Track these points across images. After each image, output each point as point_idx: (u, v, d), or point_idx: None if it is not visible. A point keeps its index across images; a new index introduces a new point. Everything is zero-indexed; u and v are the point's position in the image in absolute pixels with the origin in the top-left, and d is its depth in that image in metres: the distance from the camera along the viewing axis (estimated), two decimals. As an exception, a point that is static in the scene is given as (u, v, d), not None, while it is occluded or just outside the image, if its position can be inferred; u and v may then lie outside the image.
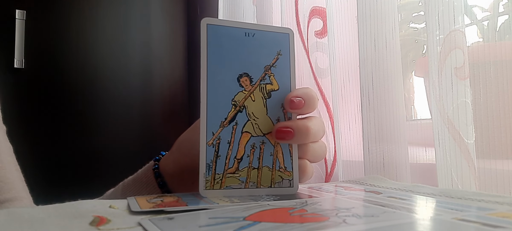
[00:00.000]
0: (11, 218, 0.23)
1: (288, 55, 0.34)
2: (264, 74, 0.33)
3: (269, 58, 0.33)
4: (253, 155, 0.32)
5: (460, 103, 0.40)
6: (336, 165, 0.58)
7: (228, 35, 0.32)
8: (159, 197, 0.31)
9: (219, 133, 0.31)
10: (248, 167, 0.32)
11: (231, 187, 0.31)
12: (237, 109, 0.32)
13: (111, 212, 0.26)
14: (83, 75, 1.09)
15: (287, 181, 0.33)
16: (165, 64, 1.23)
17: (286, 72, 0.33)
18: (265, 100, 0.33)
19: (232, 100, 0.32)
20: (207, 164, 0.31)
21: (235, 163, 0.32)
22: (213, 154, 0.31)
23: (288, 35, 0.34)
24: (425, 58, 0.53)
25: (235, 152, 0.31)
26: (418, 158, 0.48)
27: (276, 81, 0.33)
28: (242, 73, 0.32)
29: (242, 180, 0.32)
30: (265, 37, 0.33)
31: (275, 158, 0.33)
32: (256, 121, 0.32)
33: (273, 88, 0.33)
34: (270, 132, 0.32)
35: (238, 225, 0.21)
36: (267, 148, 0.32)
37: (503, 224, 0.20)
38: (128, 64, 1.15)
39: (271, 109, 0.33)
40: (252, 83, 0.32)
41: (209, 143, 0.31)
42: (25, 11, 1.02)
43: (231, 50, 0.32)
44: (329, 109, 0.60)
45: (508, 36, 0.48)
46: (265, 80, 0.33)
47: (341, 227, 0.20)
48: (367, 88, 0.48)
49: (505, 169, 0.38)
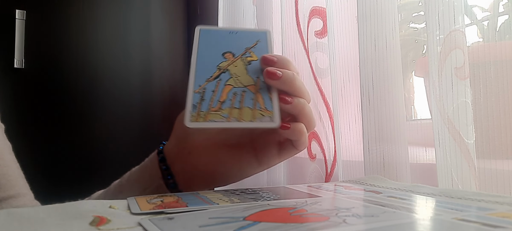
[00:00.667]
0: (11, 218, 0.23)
1: (265, 43, 0.39)
2: (245, 52, 0.38)
3: (250, 43, 0.39)
4: (235, 99, 0.35)
5: (460, 103, 0.40)
6: (336, 165, 0.58)
7: (216, 33, 0.40)
8: (159, 197, 0.31)
9: (205, 85, 0.35)
10: (230, 107, 0.35)
11: (214, 120, 0.34)
12: (221, 71, 0.37)
13: (111, 212, 0.26)
14: (83, 75, 1.09)
15: (268, 117, 0.34)
16: (165, 64, 1.23)
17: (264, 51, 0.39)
18: (246, 66, 0.37)
19: (217, 66, 0.37)
20: (193, 104, 0.34)
21: (218, 104, 0.35)
22: (199, 97, 0.35)
23: (266, 32, 0.41)
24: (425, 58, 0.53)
25: (218, 97, 0.35)
26: (418, 158, 0.48)
27: (255, 55, 0.38)
28: (226, 51, 0.38)
29: (224, 116, 0.34)
30: (246, 33, 0.41)
31: (255, 102, 0.35)
32: (238, 77, 0.36)
33: (253, 59, 0.38)
34: (250, 85, 0.36)
35: (238, 225, 0.21)
36: (248, 95, 0.35)
37: (503, 224, 0.20)
38: (128, 64, 1.15)
39: (251, 70, 0.37)
40: (234, 57, 0.38)
41: (196, 91, 0.35)
42: (25, 11, 1.02)
43: (218, 40, 0.39)
44: (329, 109, 0.60)
45: (508, 36, 0.48)
46: (245, 55, 0.38)
47: (341, 227, 0.20)
48: (367, 88, 0.48)
49: (505, 169, 0.38)
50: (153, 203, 0.28)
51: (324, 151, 0.60)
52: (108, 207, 0.27)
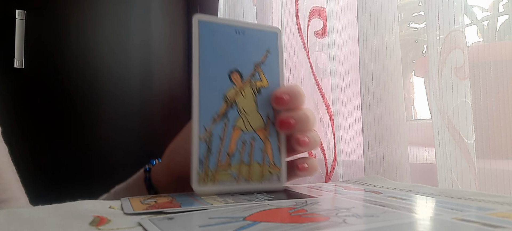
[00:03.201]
0: (11, 218, 0.23)
1: (276, 53, 0.34)
2: (254, 71, 0.33)
3: (259, 55, 0.34)
4: (244, 151, 0.32)
5: (460, 103, 0.40)
6: (336, 165, 0.58)
7: (219, 31, 0.33)
8: (152, 197, 0.31)
9: (211, 128, 0.31)
10: (239, 162, 0.32)
11: (223, 182, 0.32)
12: (229, 105, 0.32)
13: (111, 212, 0.26)
14: (83, 75, 1.09)
15: (275, 176, 0.33)
16: (165, 64, 1.23)
17: (275, 69, 0.34)
18: (255, 97, 0.33)
19: (223, 96, 0.32)
20: (200, 159, 0.31)
21: (227, 158, 0.32)
22: (205, 149, 0.31)
23: (276, 33, 0.34)
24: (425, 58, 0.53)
25: (226, 147, 0.32)
26: (418, 158, 0.48)
27: (265, 78, 0.34)
28: (232, 70, 0.33)
29: (233, 176, 0.32)
30: (254, 35, 0.34)
31: (265, 153, 0.33)
32: (246, 117, 0.33)
33: (263, 85, 0.33)
34: (260, 128, 0.33)
35: (238, 225, 0.21)
36: (257, 144, 0.33)
37: (503, 224, 0.20)
38: (128, 64, 1.15)
39: (261, 105, 0.33)
40: (242, 80, 0.33)
41: (202, 138, 0.31)
42: (25, 11, 1.02)
43: (222, 47, 0.32)
44: (329, 110, 0.60)
45: (508, 36, 0.48)
46: (255, 77, 0.33)
47: (341, 227, 0.20)
48: (367, 88, 0.48)
49: (505, 169, 0.38)
50: (146, 204, 0.28)
51: (324, 151, 0.60)
52: (108, 207, 0.27)
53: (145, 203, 0.29)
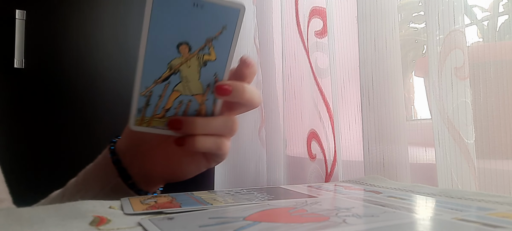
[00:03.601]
0: (11, 218, 0.23)
1: (233, 31, 0.33)
2: (204, 45, 0.33)
3: (213, 31, 0.33)
4: (179, 109, 0.35)
5: (460, 103, 0.40)
6: (336, 165, 0.58)
7: (176, 3, 0.31)
8: (152, 197, 0.31)
9: (152, 87, 0.34)
10: (173, 115, 0.35)
11: (156, 127, 0.36)
12: (171, 72, 0.33)
13: (111, 212, 0.26)
14: (83, 75, 1.09)
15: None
16: (165, 64, 1.23)
17: (226, 46, 0.34)
18: (200, 68, 0.34)
19: (168, 64, 0.33)
20: (138, 108, 0.34)
21: (163, 111, 0.35)
22: (144, 102, 0.34)
23: (239, 10, 0.33)
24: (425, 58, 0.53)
25: (164, 103, 0.35)
26: (418, 158, 0.48)
27: (214, 53, 0.34)
28: (182, 42, 0.33)
29: (166, 124, 0.36)
30: (213, 9, 0.32)
31: (199, 113, 0.36)
32: (188, 83, 0.34)
33: (210, 59, 0.34)
34: (198, 94, 0.35)
35: (238, 225, 0.21)
36: (193, 104, 0.35)
37: (503, 224, 0.20)
38: (128, 64, 1.15)
39: (203, 76, 0.34)
40: (190, 52, 0.33)
41: (142, 93, 0.34)
42: (25, 11, 1.02)
43: (175, 17, 0.32)
44: (329, 109, 0.60)
45: (508, 36, 0.48)
46: (204, 51, 0.33)
47: (341, 227, 0.20)
48: (367, 88, 0.48)
49: (505, 169, 0.38)
50: (146, 204, 0.28)
51: (324, 151, 0.60)
52: (108, 207, 0.27)
53: (145, 203, 0.29)
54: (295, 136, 0.68)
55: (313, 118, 0.62)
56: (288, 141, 0.69)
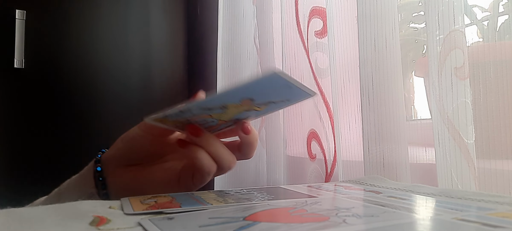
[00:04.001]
0: (11, 218, 0.23)
1: (291, 104, 0.36)
2: (264, 103, 0.33)
3: (279, 98, 0.33)
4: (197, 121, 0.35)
5: (460, 103, 0.40)
6: (336, 165, 0.58)
7: (275, 83, 0.29)
8: (152, 197, 0.31)
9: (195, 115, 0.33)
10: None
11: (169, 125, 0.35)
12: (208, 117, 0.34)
13: (111, 212, 0.26)
14: (83, 75, 1.09)
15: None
16: (165, 64, 1.23)
17: (277, 108, 0.36)
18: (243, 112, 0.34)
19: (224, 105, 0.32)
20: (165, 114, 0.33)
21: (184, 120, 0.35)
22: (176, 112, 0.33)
23: (310, 96, 0.33)
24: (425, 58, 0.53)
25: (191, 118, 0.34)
26: (418, 158, 0.48)
27: (264, 106, 0.34)
28: (249, 97, 0.31)
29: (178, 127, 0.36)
30: (293, 88, 0.31)
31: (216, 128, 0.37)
32: (224, 115, 0.34)
33: (257, 109, 0.34)
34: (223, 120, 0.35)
35: (238, 225, 0.21)
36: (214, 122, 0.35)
37: (503, 224, 0.20)
38: (128, 64, 1.15)
39: (241, 115, 0.35)
40: (252, 103, 0.32)
41: (179, 109, 0.32)
42: (25, 11, 1.02)
43: (264, 90, 0.31)
44: (329, 110, 0.60)
45: (508, 36, 0.48)
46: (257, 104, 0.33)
47: (341, 227, 0.20)
48: (367, 88, 0.48)
49: (505, 169, 0.38)
50: (146, 204, 0.28)
51: (324, 151, 0.60)
52: (108, 207, 0.27)
53: (145, 203, 0.29)
54: (295, 136, 0.68)
55: (313, 118, 0.62)
56: (288, 141, 0.69)
